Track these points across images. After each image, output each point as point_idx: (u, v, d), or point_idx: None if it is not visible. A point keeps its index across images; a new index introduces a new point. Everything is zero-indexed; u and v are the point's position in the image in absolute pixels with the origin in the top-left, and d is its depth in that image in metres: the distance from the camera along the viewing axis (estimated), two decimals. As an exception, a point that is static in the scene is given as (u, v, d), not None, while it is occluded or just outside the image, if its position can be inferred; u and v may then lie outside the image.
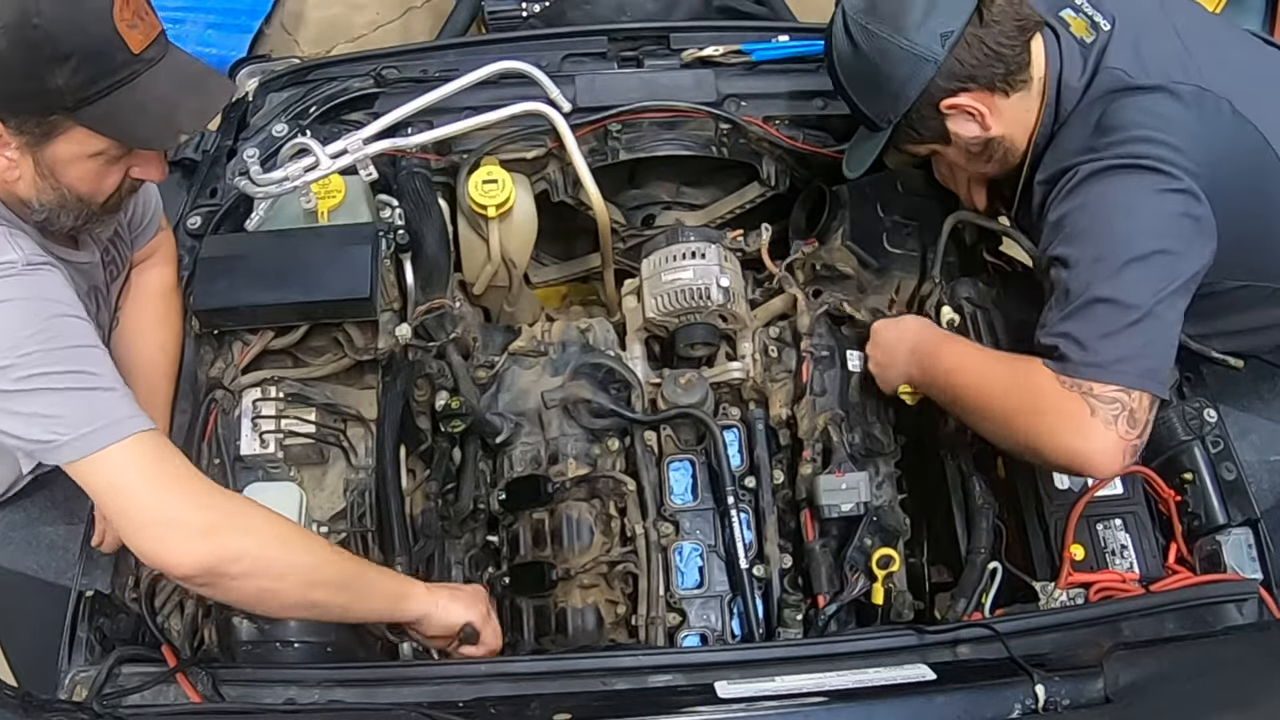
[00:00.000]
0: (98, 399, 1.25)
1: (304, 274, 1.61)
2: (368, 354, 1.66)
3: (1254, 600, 1.39)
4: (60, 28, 1.17)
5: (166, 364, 1.64)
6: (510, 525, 1.77)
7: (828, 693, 1.26)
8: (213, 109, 1.37)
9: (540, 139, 1.88)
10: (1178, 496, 1.62)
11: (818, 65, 1.93)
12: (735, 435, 1.78)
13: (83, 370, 1.25)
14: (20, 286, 1.24)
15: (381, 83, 1.90)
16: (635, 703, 1.29)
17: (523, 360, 1.85)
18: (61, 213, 1.32)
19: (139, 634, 1.46)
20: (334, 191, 1.71)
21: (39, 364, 1.22)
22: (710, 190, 2.16)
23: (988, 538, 1.63)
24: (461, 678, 1.33)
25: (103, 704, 1.27)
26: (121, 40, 1.21)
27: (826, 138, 1.93)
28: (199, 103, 1.33)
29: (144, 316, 1.61)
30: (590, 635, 1.67)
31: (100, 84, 1.21)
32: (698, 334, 1.82)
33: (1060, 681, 1.23)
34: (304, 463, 1.64)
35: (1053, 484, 1.63)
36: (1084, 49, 1.51)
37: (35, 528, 1.56)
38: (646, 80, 1.91)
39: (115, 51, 1.21)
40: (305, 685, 1.30)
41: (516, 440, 1.80)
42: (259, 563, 1.29)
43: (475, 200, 1.79)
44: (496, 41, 1.99)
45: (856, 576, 1.64)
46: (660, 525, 1.71)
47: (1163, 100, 1.44)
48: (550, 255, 2.26)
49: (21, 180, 1.27)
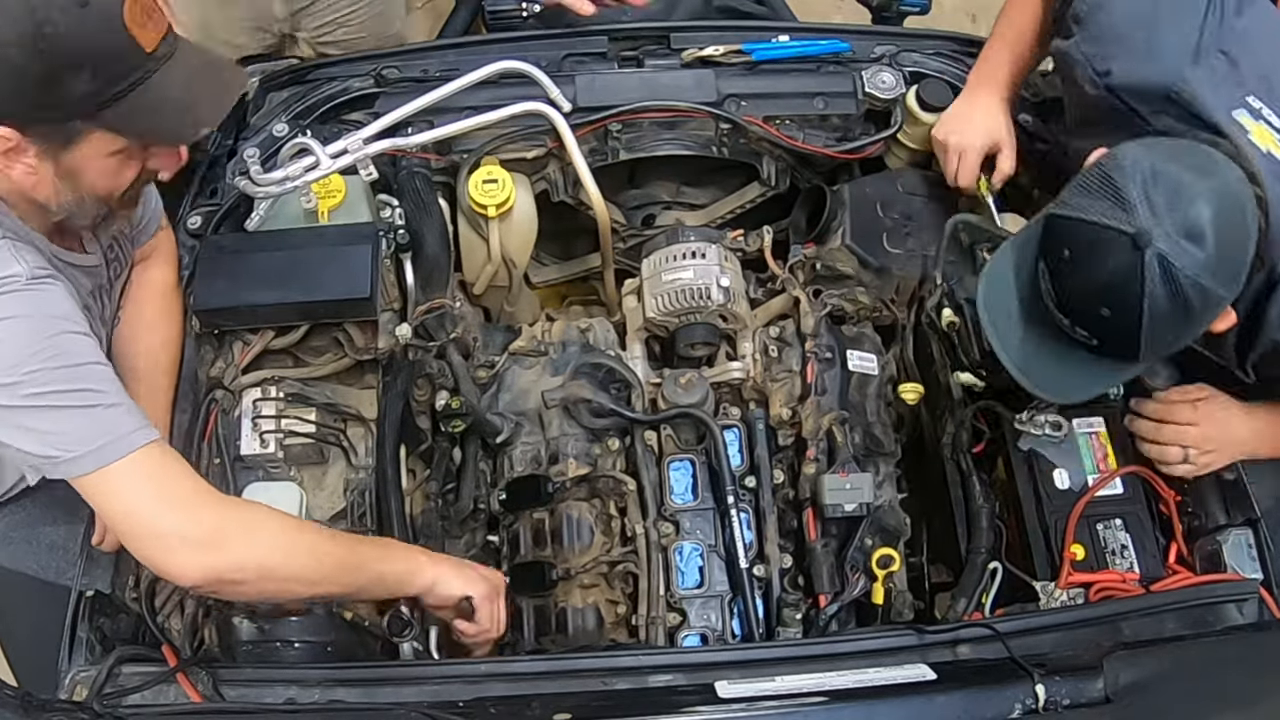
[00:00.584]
0: (101, 416, 1.26)
1: (304, 274, 1.61)
2: (368, 354, 1.66)
3: (1254, 600, 1.40)
4: (73, 36, 1.16)
5: (168, 361, 1.63)
6: (510, 525, 1.77)
7: (828, 693, 1.27)
8: (230, 99, 1.37)
9: (540, 139, 1.88)
10: (1178, 496, 1.62)
11: (818, 65, 1.94)
12: (735, 435, 1.78)
13: (87, 388, 1.26)
14: (24, 303, 1.24)
15: (381, 83, 1.90)
16: (635, 703, 1.30)
17: (523, 360, 1.85)
18: (79, 212, 1.32)
19: (139, 634, 1.47)
20: (334, 191, 1.71)
21: (44, 382, 1.23)
22: (710, 190, 2.16)
23: (988, 538, 1.64)
24: (461, 678, 1.34)
25: (103, 704, 1.27)
26: (134, 40, 1.20)
27: (826, 138, 1.93)
28: (216, 95, 1.33)
29: (145, 314, 1.61)
30: (590, 635, 1.66)
31: (117, 87, 1.21)
32: (698, 334, 1.82)
33: (1060, 681, 1.23)
34: (304, 463, 1.64)
35: (1053, 484, 1.63)
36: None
37: (35, 528, 1.56)
38: (647, 80, 1.90)
39: (129, 53, 1.21)
40: (305, 685, 1.30)
41: (517, 440, 1.80)
42: (262, 571, 1.31)
43: (475, 200, 1.79)
44: (496, 41, 1.99)
45: (857, 576, 1.65)
46: (660, 525, 1.71)
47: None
48: (550, 255, 2.26)
49: (40, 185, 1.27)
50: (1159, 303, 1.26)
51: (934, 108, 1.85)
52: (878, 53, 1.96)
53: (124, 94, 1.22)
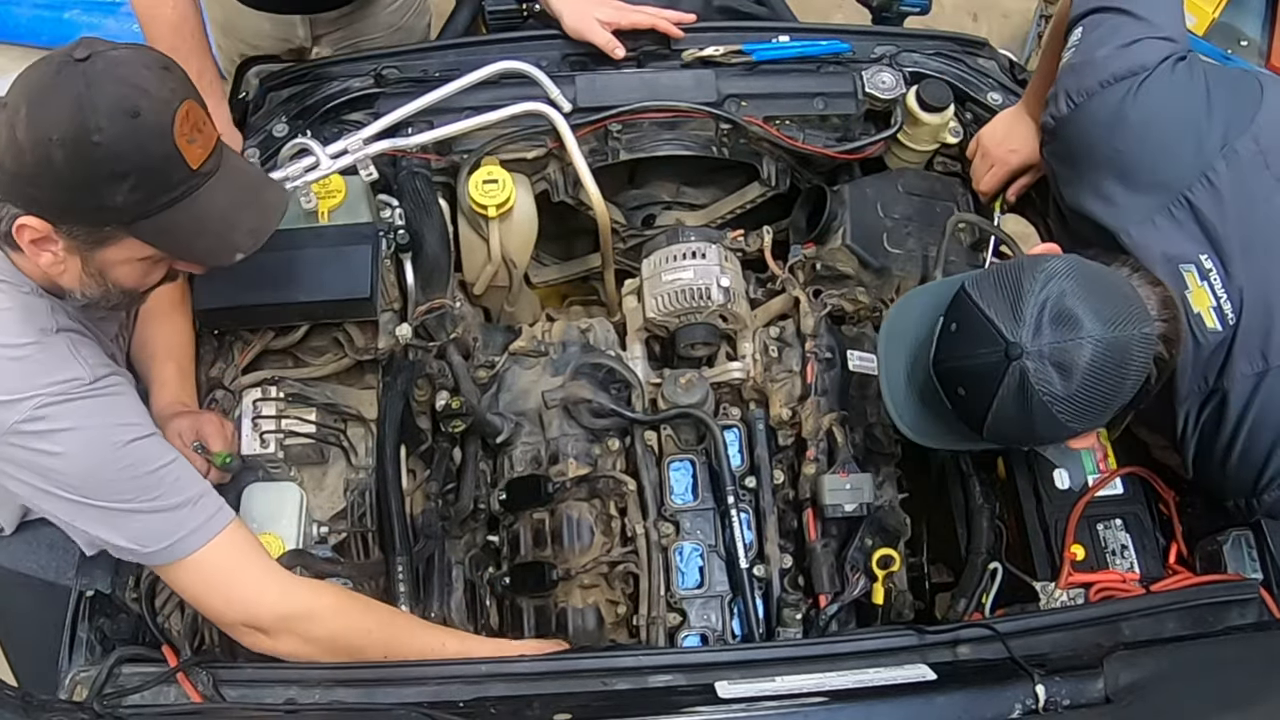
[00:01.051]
0: (175, 518, 1.31)
1: (304, 274, 1.61)
2: (368, 354, 1.67)
3: (1254, 600, 1.40)
4: (120, 146, 1.15)
5: (189, 343, 1.65)
6: (510, 525, 1.77)
7: (828, 693, 1.27)
8: (269, 227, 1.35)
9: (540, 139, 1.88)
10: (1178, 496, 1.62)
11: (818, 65, 1.93)
12: (735, 435, 1.78)
13: (160, 494, 1.30)
14: (92, 413, 1.26)
15: (382, 83, 1.90)
16: (635, 703, 1.30)
17: (523, 360, 1.85)
18: (103, 302, 1.33)
19: (139, 634, 1.47)
20: (334, 191, 1.71)
21: (117, 491, 1.28)
22: (710, 190, 2.16)
23: (988, 538, 1.64)
24: (461, 678, 1.33)
25: (103, 704, 1.27)
26: (181, 157, 1.19)
27: (826, 138, 1.93)
28: (255, 220, 1.32)
29: (160, 305, 1.61)
30: (590, 635, 1.66)
31: (157, 201, 1.20)
32: (698, 334, 1.82)
33: (1060, 681, 1.23)
34: (304, 463, 1.64)
35: (1053, 484, 1.63)
36: (1201, 344, 1.38)
37: (35, 528, 1.56)
38: (647, 80, 1.90)
39: (174, 169, 1.20)
40: (305, 685, 1.30)
41: (517, 440, 1.80)
42: (320, 654, 1.38)
43: (475, 200, 1.79)
44: (496, 41, 1.99)
45: (857, 576, 1.65)
46: (660, 525, 1.71)
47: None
48: (550, 255, 2.26)
49: (66, 274, 1.27)
50: (1007, 407, 1.33)
51: (934, 108, 1.86)
52: (878, 53, 1.96)
53: (163, 208, 1.21)
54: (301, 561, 1.50)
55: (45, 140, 1.13)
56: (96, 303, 1.32)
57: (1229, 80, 1.48)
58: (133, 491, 1.28)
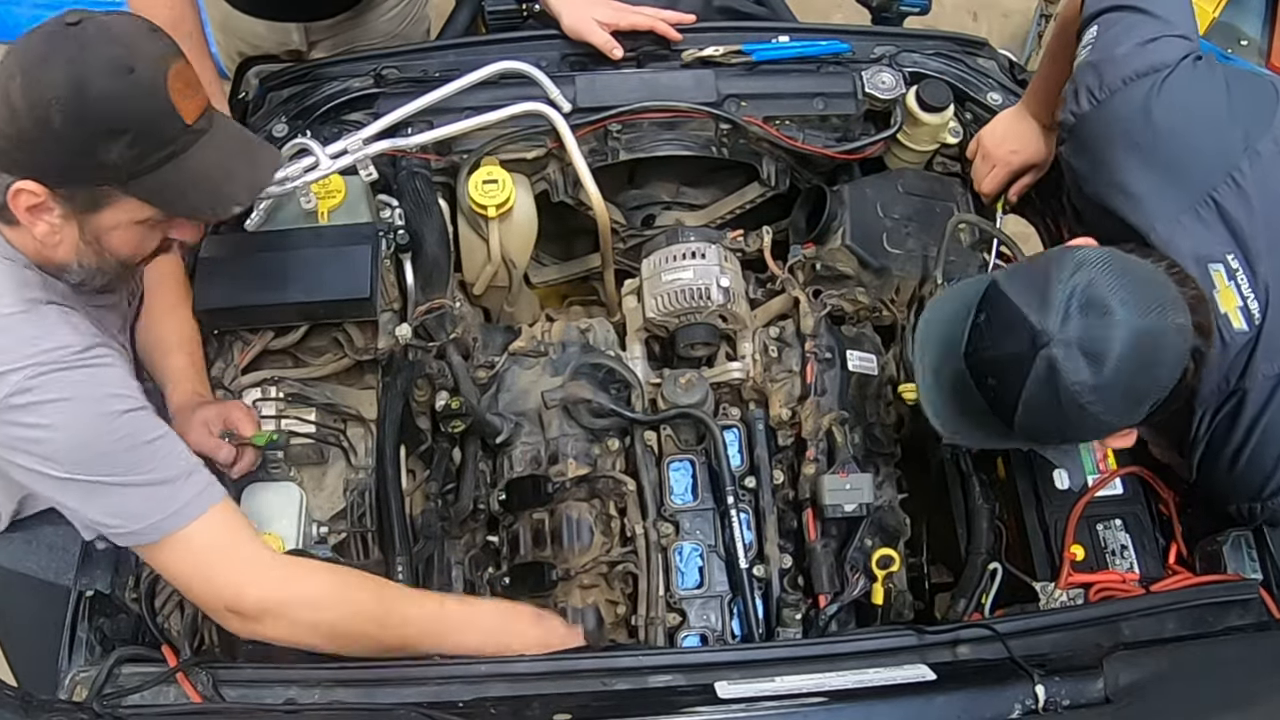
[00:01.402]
0: (163, 493, 1.29)
1: (304, 274, 1.61)
2: (368, 354, 1.66)
3: (1254, 601, 1.40)
4: (115, 102, 1.15)
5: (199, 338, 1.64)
6: (510, 525, 1.77)
7: (828, 693, 1.27)
8: (263, 180, 1.37)
9: (540, 139, 1.88)
10: (1178, 496, 1.62)
11: (818, 65, 1.93)
12: (735, 435, 1.78)
13: (154, 467, 1.28)
14: (82, 383, 1.25)
15: (381, 83, 1.90)
16: (635, 703, 1.30)
17: (523, 360, 1.85)
18: (98, 275, 1.32)
19: (139, 634, 1.47)
20: (334, 191, 1.71)
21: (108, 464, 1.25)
22: (710, 190, 2.16)
23: (988, 538, 1.64)
24: (461, 678, 1.33)
25: (103, 704, 1.27)
26: (175, 111, 1.20)
27: (826, 138, 1.93)
28: (250, 173, 1.34)
29: (167, 298, 1.61)
30: (590, 635, 1.66)
31: (153, 157, 1.20)
32: (698, 334, 1.82)
33: (1060, 681, 1.23)
34: (304, 463, 1.64)
35: (1053, 484, 1.63)
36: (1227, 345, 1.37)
37: (35, 528, 1.56)
38: (646, 80, 1.90)
39: (168, 124, 1.20)
40: (305, 685, 1.30)
41: (516, 440, 1.79)
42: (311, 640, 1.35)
43: (475, 200, 1.79)
44: (496, 41, 1.99)
45: (857, 577, 1.65)
46: (660, 525, 1.71)
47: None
48: (550, 255, 2.26)
49: (62, 245, 1.27)
50: (1036, 398, 1.29)
51: (934, 108, 1.85)
52: (878, 53, 1.96)
53: (159, 164, 1.21)
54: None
55: (44, 102, 1.14)
56: (93, 276, 1.31)
57: (1246, 80, 1.48)
58: (126, 464, 1.26)
